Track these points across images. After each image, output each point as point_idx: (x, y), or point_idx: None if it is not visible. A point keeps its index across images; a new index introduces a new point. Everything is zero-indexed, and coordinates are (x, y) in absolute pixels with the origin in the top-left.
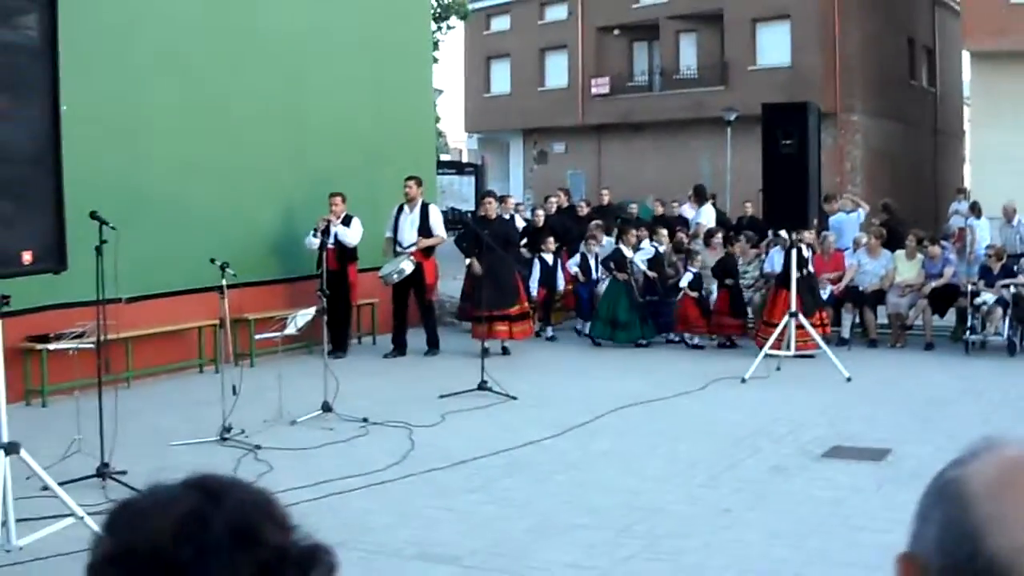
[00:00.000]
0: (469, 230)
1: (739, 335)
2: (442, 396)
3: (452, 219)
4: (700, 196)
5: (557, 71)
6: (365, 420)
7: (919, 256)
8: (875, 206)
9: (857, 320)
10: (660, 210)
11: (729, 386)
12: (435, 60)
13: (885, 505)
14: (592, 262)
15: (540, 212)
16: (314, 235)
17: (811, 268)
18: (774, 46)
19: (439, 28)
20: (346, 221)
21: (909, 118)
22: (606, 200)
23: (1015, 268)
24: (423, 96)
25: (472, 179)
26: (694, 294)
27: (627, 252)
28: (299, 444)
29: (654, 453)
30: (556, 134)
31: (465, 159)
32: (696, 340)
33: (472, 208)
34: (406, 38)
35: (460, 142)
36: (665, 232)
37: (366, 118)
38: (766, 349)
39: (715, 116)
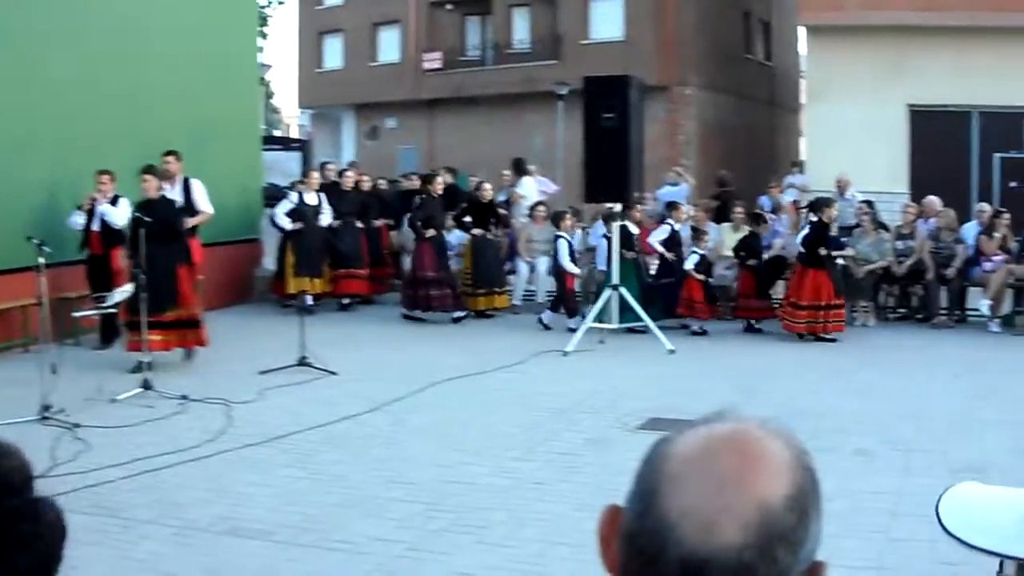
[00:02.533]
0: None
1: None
2: (262, 372)
3: (271, 195)
4: (519, 169)
5: (390, 46)
6: (184, 397)
7: (746, 228)
8: (709, 179)
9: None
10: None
11: (551, 359)
12: (264, 35)
13: None
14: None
15: (487, 186)
16: (79, 213)
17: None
18: (608, 19)
19: (269, 3)
20: (114, 201)
21: (744, 92)
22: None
23: (844, 240)
24: (249, 72)
25: (299, 155)
26: (700, 277)
27: (634, 229)
28: (118, 422)
29: (470, 426)
30: (388, 109)
31: (296, 135)
32: (698, 326)
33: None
34: (232, 13)
35: (295, 118)
36: (684, 210)
37: (193, 94)
38: (589, 321)
39: (548, 90)
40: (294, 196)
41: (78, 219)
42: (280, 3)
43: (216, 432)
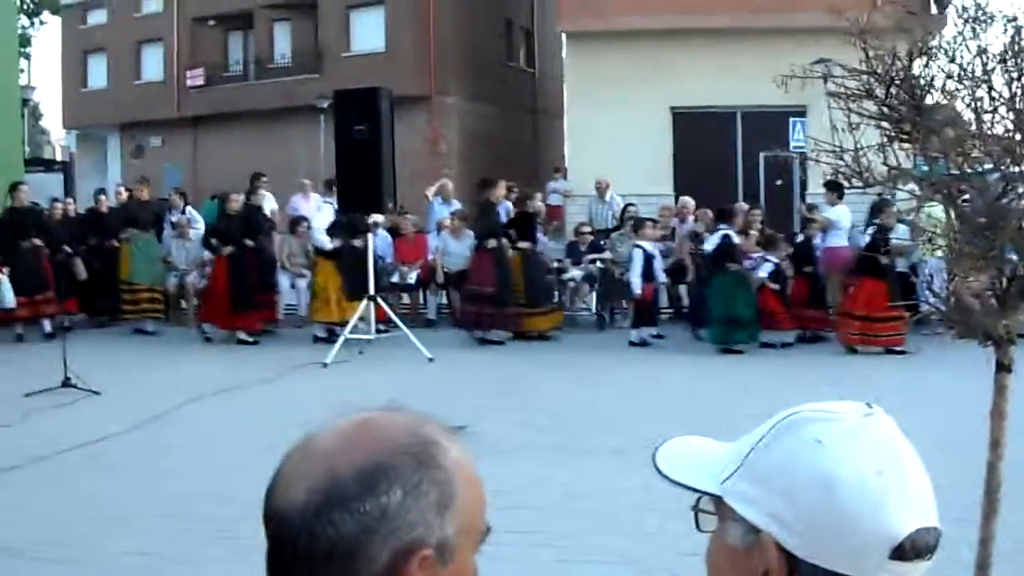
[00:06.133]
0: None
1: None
2: (28, 395)
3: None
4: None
5: (153, 64)
6: None
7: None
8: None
9: (445, 301)
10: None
11: (310, 372)
12: (26, 56)
13: None
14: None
15: (539, 194)
16: None
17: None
18: (369, 32)
19: (32, 24)
20: None
21: (507, 100)
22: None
23: (602, 244)
24: (9, 94)
25: (60, 176)
26: (775, 287)
27: (737, 239)
28: None
29: (227, 441)
30: (153, 127)
31: (60, 156)
32: (784, 339)
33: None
34: None
35: (61, 139)
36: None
37: None
38: (346, 333)
39: (310, 104)
40: (329, 210)
41: None
42: (42, 23)
43: None
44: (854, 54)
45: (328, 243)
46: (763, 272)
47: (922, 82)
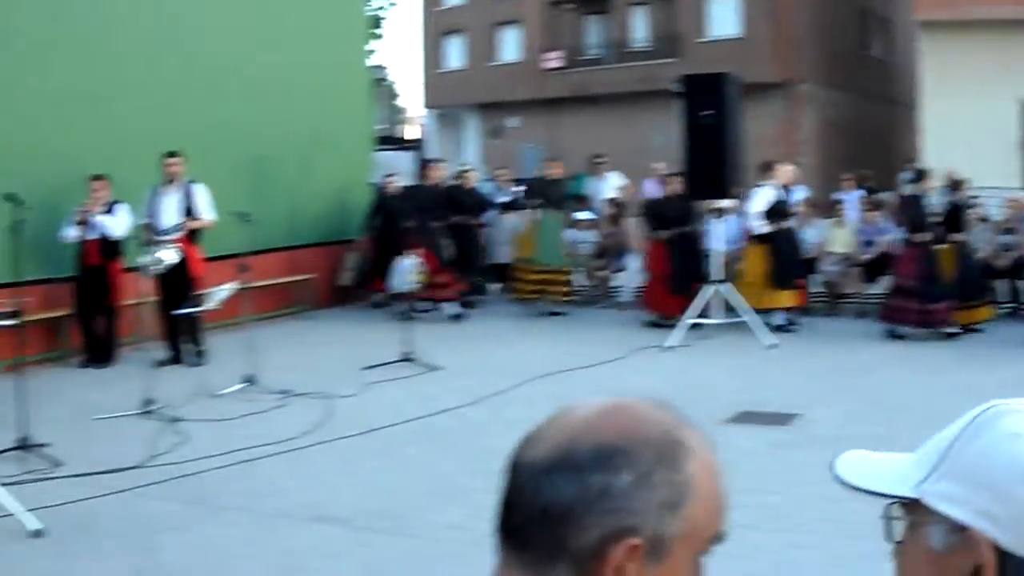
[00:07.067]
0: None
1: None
2: (366, 368)
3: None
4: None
5: (510, 45)
6: (285, 392)
7: (850, 224)
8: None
9: None
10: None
11: (651, 354)
12: (377, 36)
13: (776, 467)
14: None
15: None
16: (75, 226)
17: None
18: (725, 17)
19: (382, 6)
20: (110, 209)
21: (862, 88)
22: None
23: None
24: (358, 74)
25: (412, 154)
26: None
27: None
28: (218, 416)
29: None
30: (511, 108)
31: (417, 136)
32: None
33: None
34: (338, 16)
35: (420, 118)
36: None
37: (300, 100)
38: (690, 317)
39: (666, 88)
40: (769, 190)
41: (72, 232)
42: (392, 4)
43: (313, 424)
44: None
45: (763, 227)
46: None
47: None
